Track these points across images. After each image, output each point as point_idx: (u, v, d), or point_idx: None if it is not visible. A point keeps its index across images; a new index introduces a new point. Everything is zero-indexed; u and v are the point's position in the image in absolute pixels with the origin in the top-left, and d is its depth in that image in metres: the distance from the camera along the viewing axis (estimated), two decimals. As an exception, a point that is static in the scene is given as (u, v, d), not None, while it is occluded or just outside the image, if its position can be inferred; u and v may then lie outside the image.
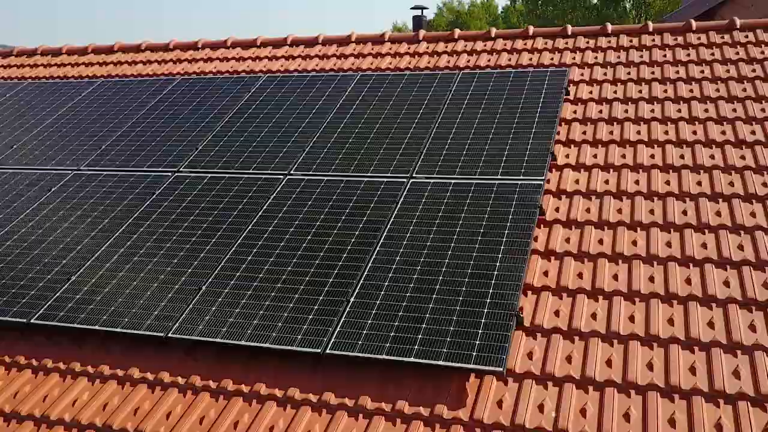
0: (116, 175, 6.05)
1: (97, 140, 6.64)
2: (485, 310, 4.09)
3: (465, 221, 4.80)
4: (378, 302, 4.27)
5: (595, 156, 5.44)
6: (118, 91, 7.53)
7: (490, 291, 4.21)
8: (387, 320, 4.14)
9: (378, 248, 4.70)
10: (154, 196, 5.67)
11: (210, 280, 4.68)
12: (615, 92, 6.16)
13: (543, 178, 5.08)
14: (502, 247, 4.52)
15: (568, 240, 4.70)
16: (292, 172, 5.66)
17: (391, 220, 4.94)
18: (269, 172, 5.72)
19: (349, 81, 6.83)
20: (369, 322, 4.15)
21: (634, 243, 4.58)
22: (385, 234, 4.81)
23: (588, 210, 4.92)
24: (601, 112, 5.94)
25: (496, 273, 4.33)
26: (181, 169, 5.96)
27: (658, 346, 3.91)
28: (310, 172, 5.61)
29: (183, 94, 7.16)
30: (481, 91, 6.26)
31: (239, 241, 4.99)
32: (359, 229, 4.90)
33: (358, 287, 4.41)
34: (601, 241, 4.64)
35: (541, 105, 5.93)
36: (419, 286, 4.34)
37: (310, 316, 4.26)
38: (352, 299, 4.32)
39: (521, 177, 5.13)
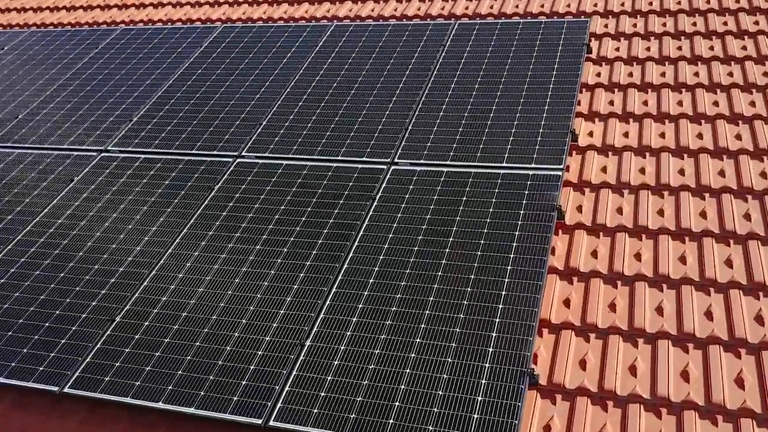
0: (30, 155, 4.89)
1: (12, 109, 5.45)
2: (486, 365, 3.00)
3: (460, 226, 3.68)
4: (342, 348, 3.18)
5: (626, 135, 4.28)
6: (46, 45, 6.28)
7: (493, 335, 3.12)
8: (353, 377, 3.05)
9: (346, 265, 3.59)
10: (72, 184, 4.53)
11: (126, 307, 3.58)
12: (648, 49, 4.96)
13: (561, 166, 3.94)
14: (509, 267, 3.41)
15: (595, 253, 3.59)
16: (243, 153, 4.51)
17: (365, 223, 3.81)
18: (216, 153, 4.56)
19: (321, 33, 5.60)
20: (329, 379, 3.06)
21: (683, 260, 3.48)
22: (356, 244, 3.70)
23: (620, 211, 3.79)
24: (631, 75, 4.75)
25: (501, 307, 3.23)
26: (109, 148, 4.80)
27: (725, 421, 2.85)
28: (266, 155, 4.45)
29: (122, 50, 5.93)
30: (481, 48, 5.05)
31: (170, 251, 3.87)
32: (323, 237, 3.78)
33: (317, 324, 3.31)
34: (638, 257, 3.53)
35: (557, 66, 4.74)
36: (398, 324, 3.24)
37: (252, 367, 3.18)
38: (307, 343, 3.24)
39: (533, 165, 3.99)
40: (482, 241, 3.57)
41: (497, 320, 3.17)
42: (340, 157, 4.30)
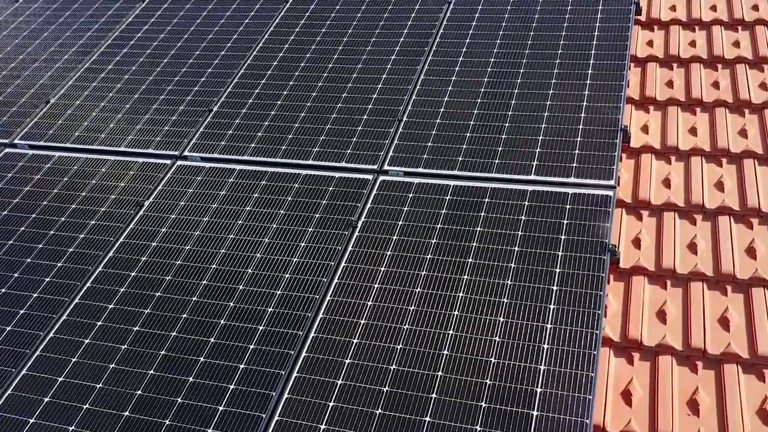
0: None
1: None
2: None
3: (473, 274, 2.64)
4: (303, 479, 2.18)
5: (693, 131, 3.20)
6: (-41, -3, 5.11)
7: (526, 464, 2.11)
8: None
9: (313, 334, 2.56)
10: (-38, 194, 3.46)
11: (14, 381, 2.57)
12: (713, 8, 3.83)
13: (612, 182, 2.87)
14: (545, 346, 2.39)
15: (662, 316, 2.55)
16: (186, 153, 3.42)
17: (342, 266, 2.77)
18: (150, 151, 3.47)
19: (294, -15, 4.44)
20: None
21: (790, 329, 2.46)
22: (327, 299, 2.66)
23: (693, 248, 2.74)
24: (693, 44, 3.63)
25: (536, 414, 2.21)
26: (15, 141, 3.72)
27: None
28: (216, 155, 3.37)
29: (42, 9, 4.76)
30: (498, 7, 3.91)
31: (66, 313, 2.83)
32: (283, 285, 2.74)
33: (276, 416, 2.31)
34: (725, 323, 2.50)
35: (598, 32, 3.62)
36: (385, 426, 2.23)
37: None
38: (253, 469, 2.23)
39: (572, 179, 2.92)
40: (505, 300, 2.54)
41: (532, 430, 2.16)
42: (310, 162, 3.23)
